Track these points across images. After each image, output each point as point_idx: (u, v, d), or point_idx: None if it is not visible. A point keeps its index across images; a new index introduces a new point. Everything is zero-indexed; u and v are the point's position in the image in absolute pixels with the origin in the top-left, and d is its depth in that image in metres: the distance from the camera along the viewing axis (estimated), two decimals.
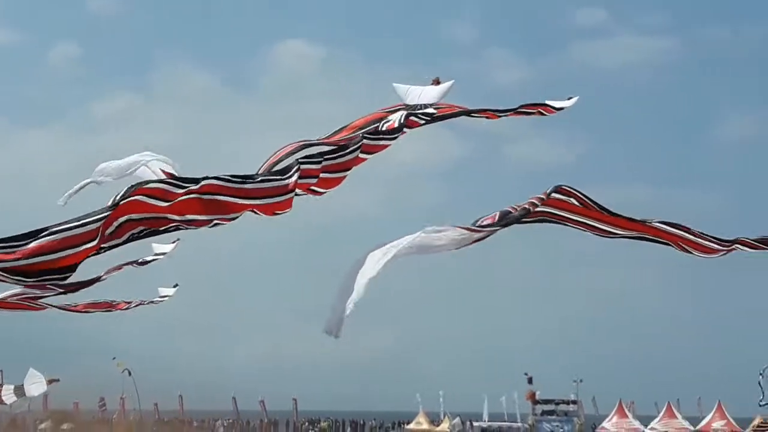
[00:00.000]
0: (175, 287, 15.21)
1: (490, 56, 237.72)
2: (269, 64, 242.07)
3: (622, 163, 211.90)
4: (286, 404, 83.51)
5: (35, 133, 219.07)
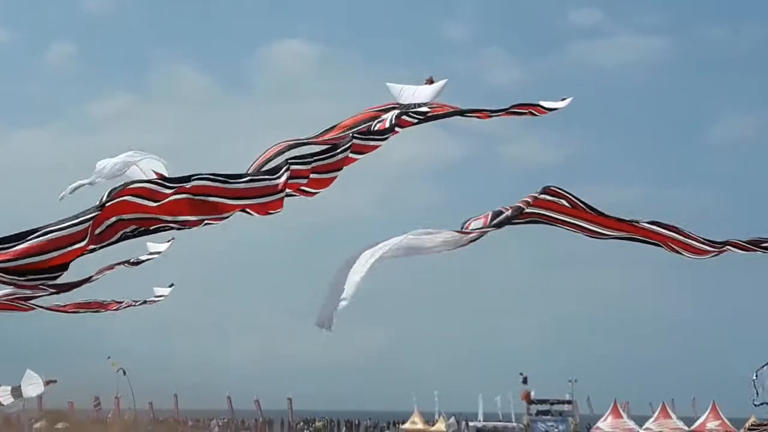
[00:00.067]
0: (170, 287, 15.17)
1: (486, 56, 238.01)
2: (266, 63, 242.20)
3: (618, 163, 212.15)
4: (281, 404, 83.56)
5: (33, 132, 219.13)
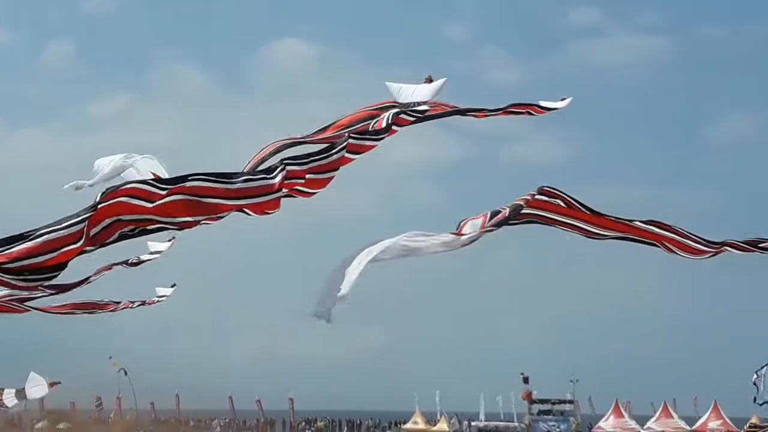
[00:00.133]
0: (172, 287, 15.12)
1: (486, 56, 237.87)
2: (266, 63, 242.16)
3: (618, 163, 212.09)
4: (282, 404, 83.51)
5: (32, 132, 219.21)
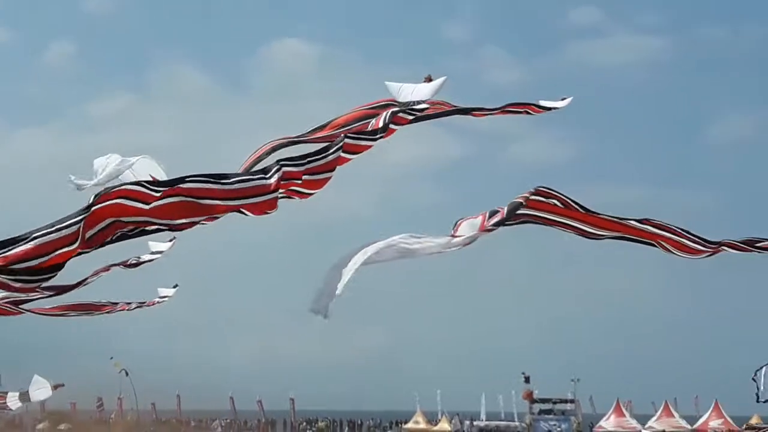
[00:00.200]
0: (175, 288, 14.98)
1: (486, 56, 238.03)
2: (266, 63, 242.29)
3: (618, 162, 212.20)
4: (283, 404, 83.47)
5: (32, 132, 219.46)
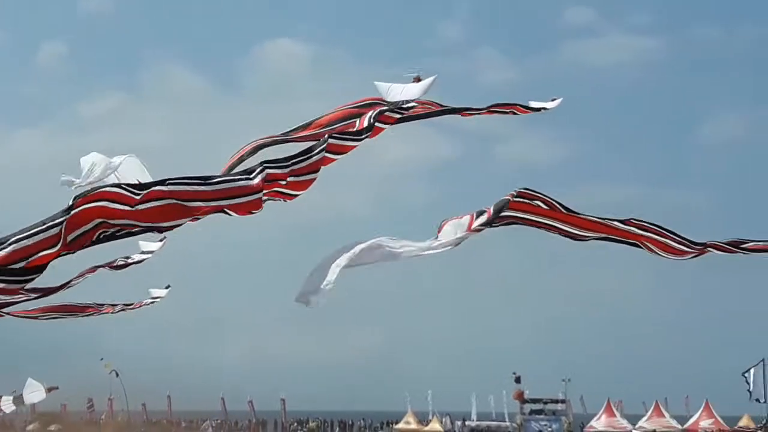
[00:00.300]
0: (167, 288, 14.89)
1: (479, 56, 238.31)
2: (259, 63, 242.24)
3: (611, 162, 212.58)
4: (274, 404, 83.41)
5: (25, 132, 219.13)
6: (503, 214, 10.40)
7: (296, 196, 9.93)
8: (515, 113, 11.61)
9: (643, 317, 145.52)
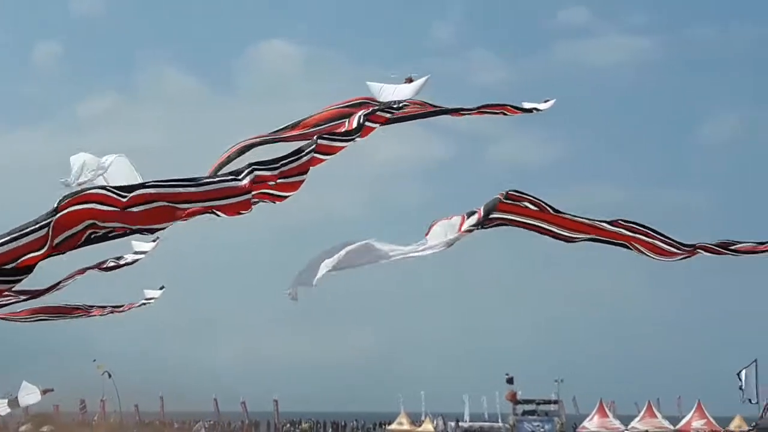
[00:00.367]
0: (161, 289, 14.78)
1: (473, 57, 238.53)
2: (253, 64, 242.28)
3: (605, 163, 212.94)
4: (267, 405, 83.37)
5: (20, 132, 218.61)
6: (493, 216, 10.39)
7: (286, 197, 9.91)
8: (505, 114, 11.60)
9: (636, 318, 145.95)
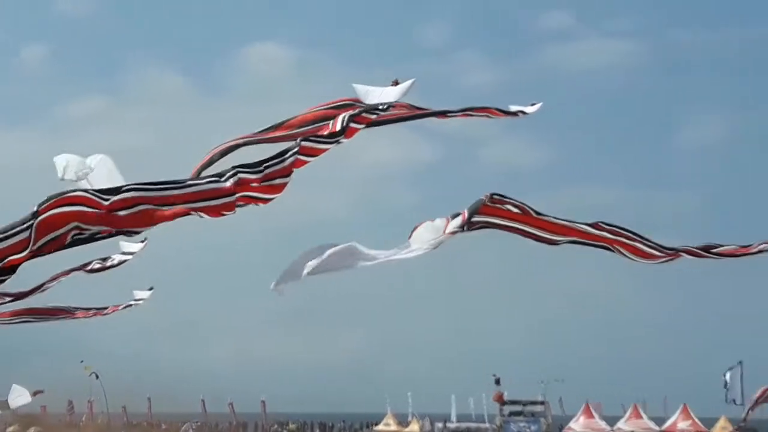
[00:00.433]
0: (150, 290, 14.61)
1: (460, 59, 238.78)
2: (242, 66, 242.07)
3: (592, 166, 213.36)
4: (254, 406, 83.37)
5: (6, 134, 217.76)
6: (476, 219, 10.40)
7: (270, 199, 9.86)
8: (490, 116, 11.53)
9: (621, 320, 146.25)
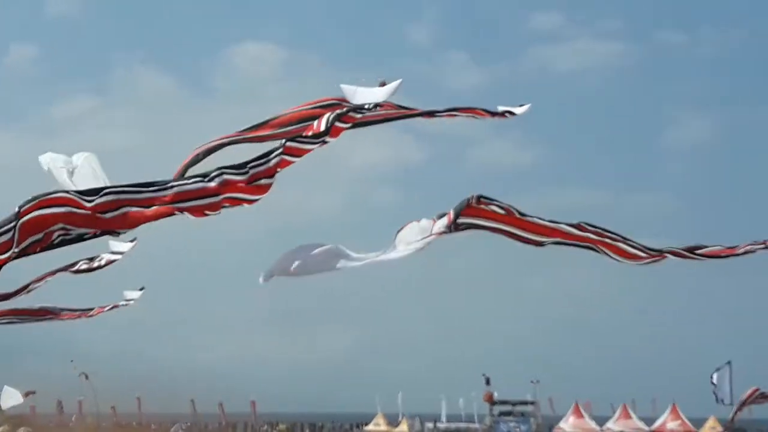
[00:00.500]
0: (141, 290, 14.42)
1: (447, 60, 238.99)
2: (230, 66, 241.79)
3: (579, 167, 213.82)
4: (244, 406, 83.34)
5: None
6: (461, 221, 10.43)
7: (256, 200, 9.85)
8: (476, 117, 11.52)
9: (611, 320, 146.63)
